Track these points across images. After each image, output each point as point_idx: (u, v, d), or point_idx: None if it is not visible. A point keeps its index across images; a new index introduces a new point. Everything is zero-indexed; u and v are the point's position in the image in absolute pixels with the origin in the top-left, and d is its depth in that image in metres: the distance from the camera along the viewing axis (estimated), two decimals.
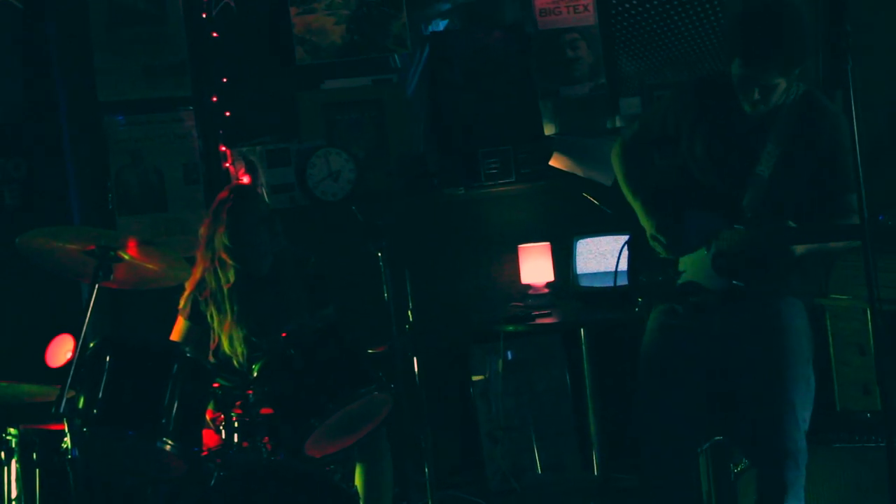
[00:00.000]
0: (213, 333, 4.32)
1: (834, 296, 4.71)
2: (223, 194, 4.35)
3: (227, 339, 4.26)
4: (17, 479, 3.74)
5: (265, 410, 3.80)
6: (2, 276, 5.15)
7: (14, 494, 3.75)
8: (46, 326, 4.18)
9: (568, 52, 5.76)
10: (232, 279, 4.26)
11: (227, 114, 5.50)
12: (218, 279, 4.27)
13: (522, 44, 5.72)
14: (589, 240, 5.33)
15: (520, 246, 5.53)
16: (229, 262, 4.25)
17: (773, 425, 3.52)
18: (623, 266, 3.86)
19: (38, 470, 3.67)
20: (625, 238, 3.87)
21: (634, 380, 3.83)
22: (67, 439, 3.34)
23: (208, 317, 4.31)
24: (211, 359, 4.26)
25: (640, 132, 3.90)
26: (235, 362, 4.26)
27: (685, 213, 3.67)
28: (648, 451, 3.81)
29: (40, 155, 5.40)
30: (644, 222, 3.77)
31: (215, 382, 3.80)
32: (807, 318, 3.69)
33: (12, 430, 3.78)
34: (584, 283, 5.36)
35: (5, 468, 3.78)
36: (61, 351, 4.12)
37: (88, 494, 3.35)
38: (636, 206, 3.80)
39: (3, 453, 3.79)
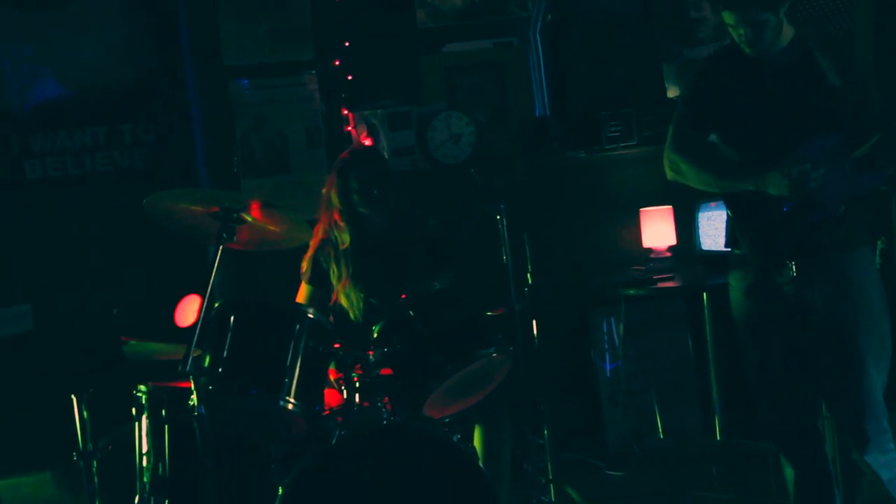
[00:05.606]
0: (333, 290, 4.38)
1: None
2: (343, 156, 4.41)
3: (345, 295, 4.31)
4: (147, 434, 3.87)
5: (385, 371, 3.81)
6: (134, 238, 5.28)
7: (145, 449, 3.87)
8: (176, 286, 4.25)
9: (692, 13, 5.66)
10: (347, 241, 4.30)
11: (349, 77, 5.55)
12: (336, 239, 4.33)
13: (644, 4, 5.63)
14: (713, 204, 5.24)
15: (641, 209, 5.48)
16: (342, 224, 4.29)
17: (848, 379, 3.61)
18: None
19: (166, 426, 3.77)
20: None
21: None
22: (194, 397, 3.41)
23: (330, 273, 4.37)
24: (331, 318, 4.32)
25: (684, 123, 3.81)
26: (352, 315, 4.31)
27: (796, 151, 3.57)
28: (766, 418, 3.86)
29: (168, 119, 5.52)
30: (751, 183, 3.61)
31: (336, 343, 3.84)
32: (877, 270, 3.74)
33: (142, 387, 3.89)
34: (707, 247, 5.28)
35: (136, 423, 3.91)
36: (189, 311, 4.19)
37: (214, 450, 3.42)
38: (729, 182, 3.69)
39: (134, 409, 3.92)
